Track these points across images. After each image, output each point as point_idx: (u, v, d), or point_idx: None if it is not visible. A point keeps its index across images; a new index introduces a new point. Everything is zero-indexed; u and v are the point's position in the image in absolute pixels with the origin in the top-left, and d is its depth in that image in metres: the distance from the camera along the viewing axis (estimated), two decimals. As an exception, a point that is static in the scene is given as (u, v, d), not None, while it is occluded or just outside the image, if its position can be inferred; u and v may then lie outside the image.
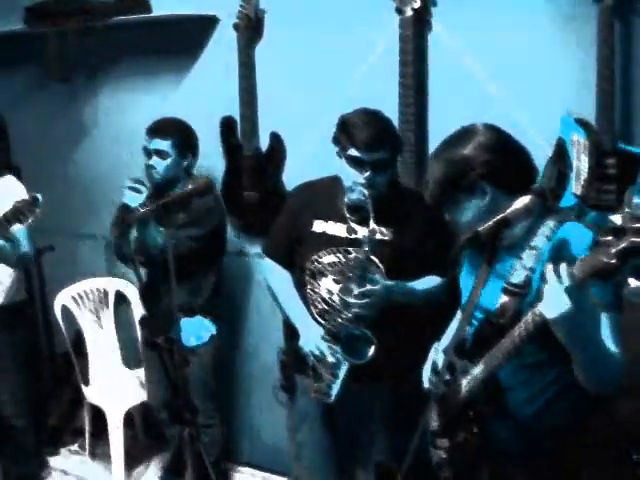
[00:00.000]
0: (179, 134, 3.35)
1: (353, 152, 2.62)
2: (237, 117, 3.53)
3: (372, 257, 2.64)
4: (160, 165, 3.30)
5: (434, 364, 2.33)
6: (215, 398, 3.58)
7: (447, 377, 2.27)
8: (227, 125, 3.57)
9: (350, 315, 2.63)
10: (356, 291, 2.62)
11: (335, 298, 2.70)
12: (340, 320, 2.66)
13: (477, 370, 2.13)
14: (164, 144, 3.29)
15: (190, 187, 2.78)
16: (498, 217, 2.02)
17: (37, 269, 4.38)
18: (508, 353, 1.97)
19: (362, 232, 2.65)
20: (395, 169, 2.76)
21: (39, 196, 3.00)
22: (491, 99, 2.95)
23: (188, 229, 3.17)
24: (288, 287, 2.88)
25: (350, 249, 2.70)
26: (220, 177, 3.61)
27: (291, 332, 2.85)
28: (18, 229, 3.12)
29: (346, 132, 2.64)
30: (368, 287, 2.61)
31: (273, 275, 2.96)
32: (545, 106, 2.86)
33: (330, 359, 2.68)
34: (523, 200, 2.09)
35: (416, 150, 3.02)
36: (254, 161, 3.52)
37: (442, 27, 3.03)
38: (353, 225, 2.72)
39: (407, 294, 2.69)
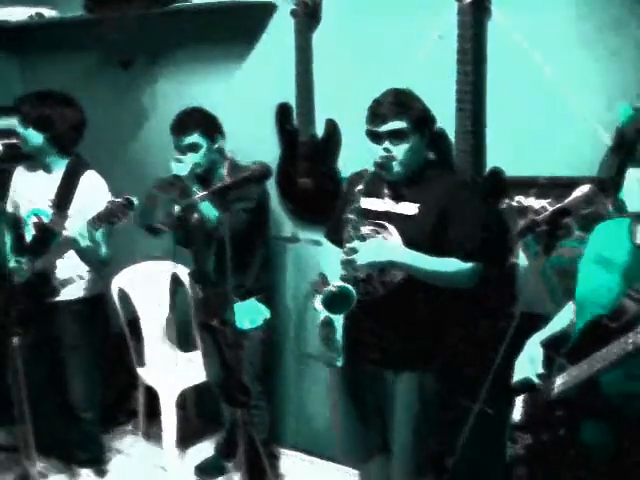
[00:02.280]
0: (202, 122, 3.39)
1: (368, 127, 2.70)
2: (293, 103, 3.54)
3: (389, 226, 2.70)
4: (197, 157, 3.34)
5: (531, 356, 2.30)
6: (262, 381, 3.61)
7: (542, 371, 2.23)
8: (283, 111, 3.58)
9: (345, 273, 2.67)
10: (346, 247, 2.69)
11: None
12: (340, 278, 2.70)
13: (577, 371, 2.07)
14: (193, 138, 3.34)
15: (248, 172, 2.80)
16: (557, 206, 2.01)
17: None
18: (616, 360, 1.90)
19: (390, 205, 2.73)
20: (420, 142, 2.72)
21: (135, 199, 3.07)
22: (550, 87, 2.90)
23: (239, 203, 3.20)
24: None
25: (380, 222, 2.74)
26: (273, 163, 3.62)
27: None
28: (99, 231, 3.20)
29: (368, 111, 2.73)
30: (355, 243, 2.66)
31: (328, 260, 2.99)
32: (604, 94, 2.81)
33: (322, 317, 2.74)
34: (583, 189, 2.07)
35: (474, 137, 2.99)
36: (309, 147, 3.53)
37: (502, 14, 2.99)
38: (385, 200, 2.77)
39: (410, 259, 2.64)
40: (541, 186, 2.97)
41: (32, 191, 3.49)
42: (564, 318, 2.44)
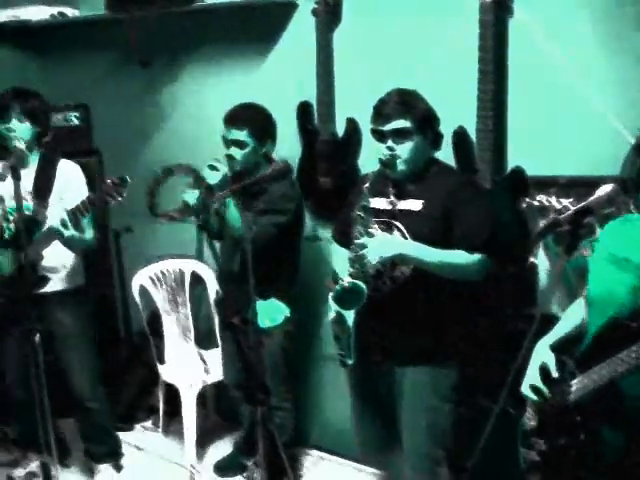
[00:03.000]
0: (255, 122, 3.33)
1: (372, 126, 2.75)
2: (314, 102, 3.55)
3: (396, 224, 2.73)
4: (238, 154, 3.31)
5: (543, 363, 2.27)
6: (286, 381, 3.61)
7: (554, 375, 2.21)
8: (304, 110, 3.59)
9: (352, 270, 2.70)
10: (354, 244, 2.73)
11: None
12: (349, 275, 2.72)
13: (595, 375, 2.04)
14: (241, 134, 3.29)
15: (268, 171, 2.81)
16: (579, 205, 2.00)
17: (116, 250, 4.52)
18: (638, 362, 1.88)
19: (395, 203, 2.77)
20: (423, 141, 2.75)
21: (127, 177, 3.08)
22: (572, 86, 2.89)
23: (271, 216, 3.21)
24: None
25: (386, 220, 2.77)
26: (296, 162, 3.63)
27: None
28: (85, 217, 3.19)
29: (372, 110, 2.77)
30: (364, 239, 2.70)
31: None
32: (627, 92, 2.80)
33: (332, 314, 2.77)
34: (605, 189, 2.06)
35: (495, 136, 2.98)
36: (330, 146, 3.53)
37: (523, 12, 2.97)
38: (392, 198, 2.80)
39: (418, 252, 2.66)
40: (562, 185, 2.95)
41: (3, 190, 3.39)
42: (574, 318, 2.40)
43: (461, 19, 3.07)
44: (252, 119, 3.33)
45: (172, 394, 4.08)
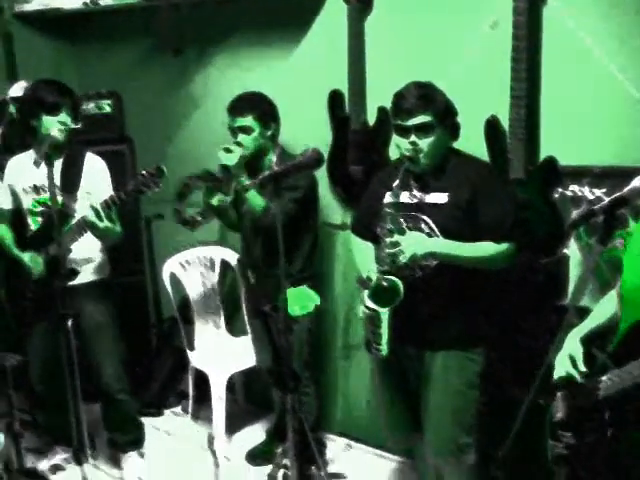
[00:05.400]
0: (259, 107, 3.46)
1: (395, 120, 2.76)
2: (345, 91, 3.54)
3: (422, 217, 2.74)
4: (246, 140, 3.42)
5: (571, 353, 2.26)
6: (310, 367, 3.65)
7: (583, 369, 2.20)
8: (335, 98, 3.58)
9: (385, 267, 2.72)
10: (386, 242, 2.74)
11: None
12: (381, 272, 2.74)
13: (625, 374, 2.02)
14: (246, 120, 3.42)
15: (300, 159, 2.80)
16: (614, 195, 1.97)
17: (147, 236, 4.55)
18: None
19: (420, 196, 2.78)
20: (446, 134, 2.76)
21: (164, 167, 3.10)
22: (606, 75, 2.85)
23: (287, 192, 3.24)
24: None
25: (413, 214, 2.78)
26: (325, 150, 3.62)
27: None
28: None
29: (392, 104, 2.78)
30: (396, 237, 2.71)
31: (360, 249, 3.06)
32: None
33: (365, 310, 2.77)
34: (641, 179, 2.03)
35: (527, 126, 2.96)
36: (361, 135, 3.53)
37: (557, 0, 2.95)
38: (414, 192, 2.80)
39: (448, 249, 2.71)
40: (596, 175, 2.93)
41: (36, 180, 3.42)
42: (605, 312, 2.37)
43: (494, 6, 3.04)
44: (255, 105, 3.48)
45: (202, 380, 4.12)
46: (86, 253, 3.48)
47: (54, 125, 3.29)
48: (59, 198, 3.33)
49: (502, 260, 2.76)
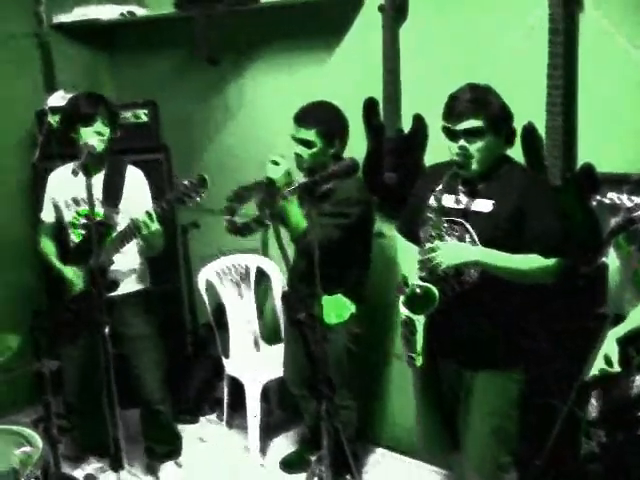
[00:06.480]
0: (324, 122, 3.30)
1: (445, 123, 2.69)
2: (380, 98, 3.54)
3: (465, 224, 2.69)
4: (306, 153, 3.31)
5: (607, 352, 2.25)
6: (350, 379, 3.59)
7: (618, 369, 2.18)
8: (370, 106, 3.58)
9: (423, 273, 2.68)
10: (426, 247, 2.69)
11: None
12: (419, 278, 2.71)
13: None
14: (309, 134, 3.28)
15: (334, 167, 2.81)
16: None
17: (183, 245, 4.59)
18: None
19: (465, 202, 2.73)
20: (498, 140, 2.70)
21: (206, 176, 3.11)
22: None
23: (334, 218, 3.22)
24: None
25: (456, 219, 2.73)
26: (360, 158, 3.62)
27: None
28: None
29: (444, 106, 2.71)
30: (435, 243, 2.67)
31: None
32: None
33: (402, 317, 2.75)
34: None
35: (565, 132, 2.93)
36: (396, 142, 3.52)
37: (594, 7, 2.92)
38: (461, 196, 2.76)
39: (491, 258, 2.63)
40: (634, 183, 2.89)
41: (76, 193, 3.43)
42: None
43: (530, 14, 3.02)
44: (321, 119, 3.31)
45: (237, 388, 4.13)
46: (130, 264, 3.53)
47: (91, 135, 3.33)
48: (100, 210, 3.37)
49: (549, 275, 2.67)
